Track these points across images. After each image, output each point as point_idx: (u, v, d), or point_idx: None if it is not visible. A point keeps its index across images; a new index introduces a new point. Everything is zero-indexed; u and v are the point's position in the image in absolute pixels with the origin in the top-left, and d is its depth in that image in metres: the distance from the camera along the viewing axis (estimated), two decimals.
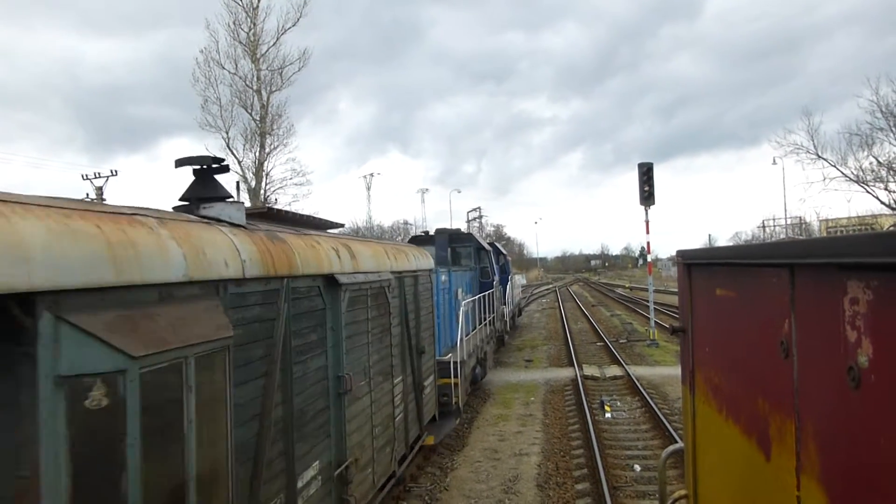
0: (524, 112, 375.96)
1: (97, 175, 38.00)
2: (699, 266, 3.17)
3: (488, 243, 23.72)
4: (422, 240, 18.08)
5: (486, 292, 18.73)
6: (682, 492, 3.42)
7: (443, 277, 13.46)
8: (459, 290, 15.44)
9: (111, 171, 38.15)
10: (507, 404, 15.73)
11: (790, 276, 1.89)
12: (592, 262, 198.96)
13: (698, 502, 3.13)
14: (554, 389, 17.21)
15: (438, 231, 18.87)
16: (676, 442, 10.09)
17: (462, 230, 24.74)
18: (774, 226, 66.28)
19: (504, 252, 27.06)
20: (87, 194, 38.35)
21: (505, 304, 24.09)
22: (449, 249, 18.05)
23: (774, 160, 49.42)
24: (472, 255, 20.33)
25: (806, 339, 1.80)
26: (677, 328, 3.49)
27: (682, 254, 3.45)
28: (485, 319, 18.07)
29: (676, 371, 18.37)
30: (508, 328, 26.52)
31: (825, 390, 1.65)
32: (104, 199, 37.85)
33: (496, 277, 21.48)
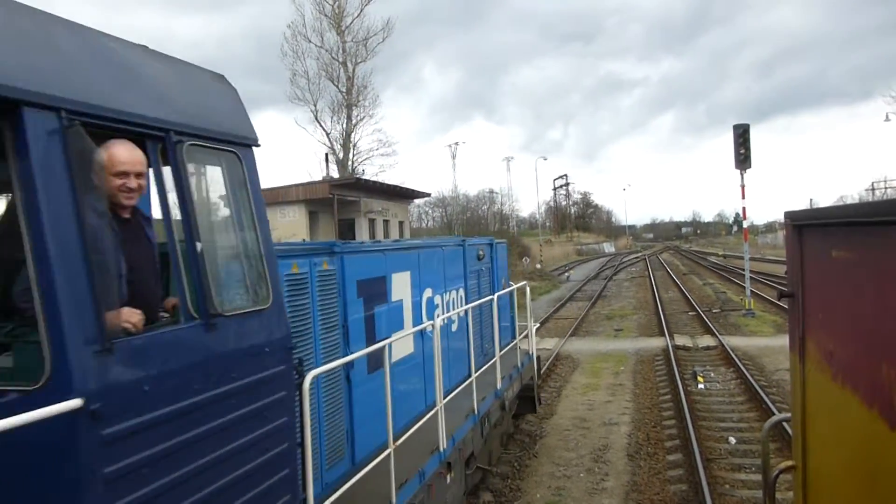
0: (612, 73, 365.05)
1: None
2: (812, 227, 2.99)
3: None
4: None
5: None
6: (789, 463, 3.28)
7: None
8: None
9: None
10: (597, 373, 15.56)
11: None
12: (683, 230, 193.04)
13: (808, 474, 2.99)
14: (644, 359, 16.88)
15: None
16: (774, 415, 9.74)
17: None
18: (886, 188, 62.08)
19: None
20: None
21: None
22: None
23: (888, 116, 45.97)
24: None
25: None
26: (786, 293, 3.32)
27: (791, 215, 3.26)
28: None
29: (774, 342, 17.75)
30: None
31: None
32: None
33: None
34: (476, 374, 7.72)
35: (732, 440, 10.17)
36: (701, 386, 13.63)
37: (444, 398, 6.61)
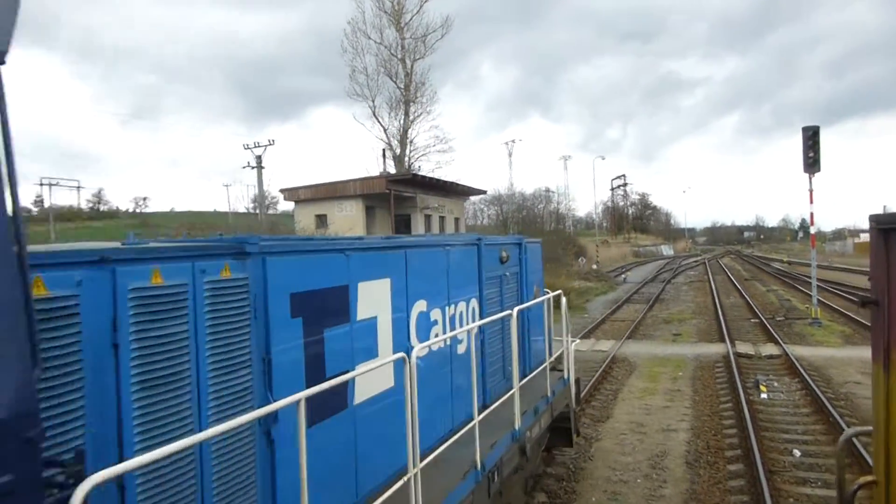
0: (673, 73, 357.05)
1: (256, 144, 40.57)
2: None
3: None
4: None
5: None
6: (869, 478, 3.13)
7: None
8: None
9: (269, 141, 40.61)
10: (654, 378, 15.25)
11: None
12: (745, 234, 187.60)
13: (891, 490, 2.85)
14: (703, 365, 16.46)
15: None
16: (844, 429, 9.35)
17: None
18: None
19: None
20: (248, 163, 41.11)
21: None
22: None
23: None
24: None
25: None
26: (868, 300, 3.17)
27: (876, 218, 3.12)
28: None
29: (842, 353, 17.11)
30: None
31: None
32: (263, 167, 40.45)
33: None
34: (481, 416, 5.81)
35: (797, 453, 9.82)
36: (763, 395, 13.21)
37: (437, 449, 5.11)
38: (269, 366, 4.01)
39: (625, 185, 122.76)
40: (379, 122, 43.95)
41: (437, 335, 6.22)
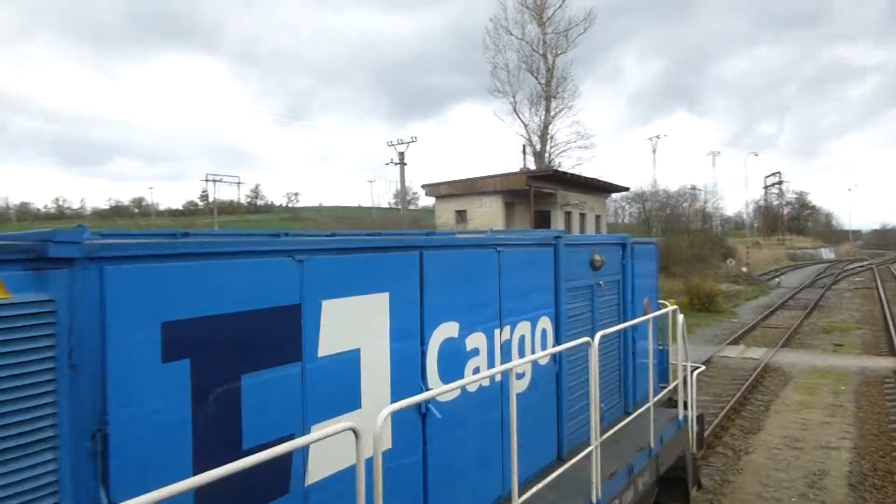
0: (840, 60, 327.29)
1: (399, 141, 41.82)
2: None
3: None
4: None
5: None
6: None
7: None
8: None
9: (411, 138, 41.71)
10: (812, 390, 14.14)
11: None
12: None
13: None
14: (870, 380, 15.04)
15: None
16: None
17: None
18: None
19: None
20: (391, 159, 42.52)
21: None
22: None
23: None
24: None
25: None
26: None
27: None
28: None
29: None
30: None
31: None
32: (405, 164, 41.63)
33: None
34: (545, 480, 4.28)
35: None
36: None
37: None
38: (104, 444, 2.46)
39: (780, 182, 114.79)
40: (519, 117, 43.99)
41: (476, 370, 4.49)
